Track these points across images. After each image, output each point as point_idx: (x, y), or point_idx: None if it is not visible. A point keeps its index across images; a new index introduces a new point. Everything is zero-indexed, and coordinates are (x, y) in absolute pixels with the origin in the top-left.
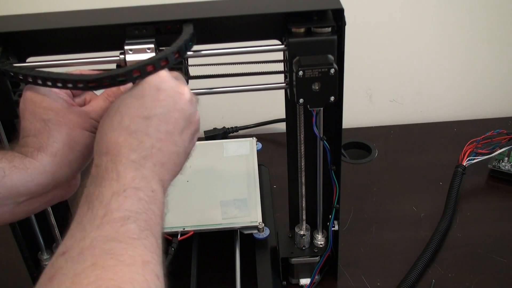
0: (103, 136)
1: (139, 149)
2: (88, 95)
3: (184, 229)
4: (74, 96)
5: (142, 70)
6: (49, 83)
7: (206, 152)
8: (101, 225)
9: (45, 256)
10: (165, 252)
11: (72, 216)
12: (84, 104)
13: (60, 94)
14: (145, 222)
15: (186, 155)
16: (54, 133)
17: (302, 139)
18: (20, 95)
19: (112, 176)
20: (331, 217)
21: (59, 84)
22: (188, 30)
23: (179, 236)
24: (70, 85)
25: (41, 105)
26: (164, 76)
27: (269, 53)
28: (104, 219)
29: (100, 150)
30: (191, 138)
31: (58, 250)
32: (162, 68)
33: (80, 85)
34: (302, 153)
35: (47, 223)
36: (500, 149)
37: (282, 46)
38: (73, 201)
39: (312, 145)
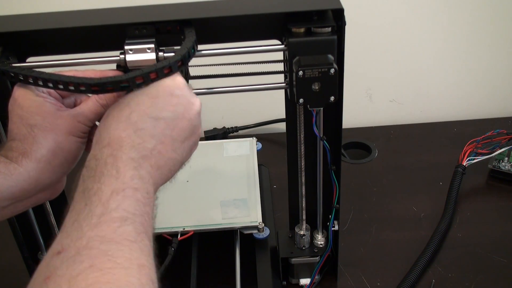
0: (107, 127)
1: (140, 148)
2: (78, 96)
3: (184, 229)
4: (63, 97)
5: (146, 77)
6: (50, 85)
7: (206, 152)
8: (99, 224)
9: None
10: (165, 252)
11: (67, 209)
12: (74, 105)
13: (48, 98)
14: (141, 225)
15: (181, 164)
16: (39, 139)
17: (302, 139)
18: None
19: (112, 172)
20: (331, 217)
21: (61, 86)
22: (190, 37)
23: (179, 236)
24: (72, 88)
25: (28, 110)
26: (180, 83)
27: (269, 53)
28: (101, 218)
29: (102, 141)
30: (190, 149)
31: (53, 248)
32: (165, 75)
33: (83, 88)
34: (302, 153)
35: (47, 223)
36: (500, 149)
37: (282, 46)
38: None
39: (312, 145)
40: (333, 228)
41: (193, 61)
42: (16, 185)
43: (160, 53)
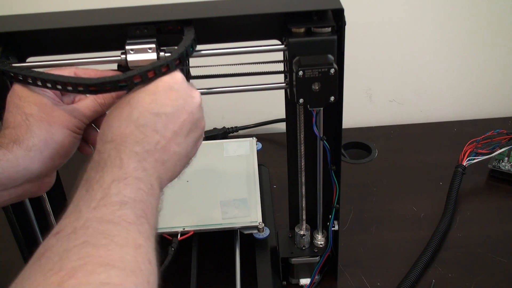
0: (110, 125)
1: (144, 143)
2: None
3: (184, 229)
4: (63, 94)
5: (144, 76)
6: (49, 85)
7: (206, 152)
8: (98, 207)
9: None
10: (165, 252)
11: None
12: (72, 102)
13: (48, 92)
14: (141, 211)
15: (188, 158)
16: (33, 128)
17: (302, 139)
18: None
19: (115, 163)
20: (331, 217)
21: (59, 86)
22: (189, 36)
23: (179, 236)
24: (70, 88)
25: (26, 99)
26: (178, 77)
27: (269, 53)
28: (101, 201)
29: (105, 138)
30: (195, 142)
31: (52, 231)
32: (163, 74)
33: (81, 89)
34: (302, 153)
35: (47, 223)
36: (500, 149)
37: (282, 46)
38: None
39: (312, 145)
40: (333, 228)
41: (194, 61)
42: (4, 171)
43: (161, 53)
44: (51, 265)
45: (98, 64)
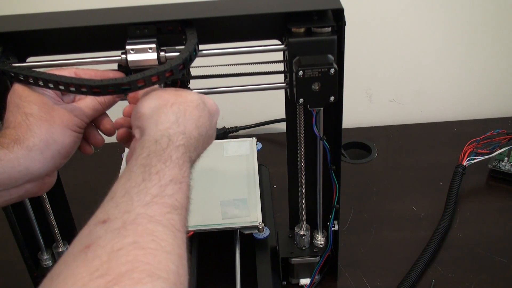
0: (183, 114)
1: (195, 153)
2: None
3: None
4: (63, 94)
5: (147, 80)
6: (51, 85)
7: (206, 152)
8: (150, 204)
9: (45, 256)
10: None
11: (117, 177)
12: (72, 101)
13: (48, 92)
14: (185, 220)
15: None
16: (33, 128)
17: (302, 139)
18: None
19: (179, 161)
20: (331, 217)
21: (62, 87)
22: (192, 40)
23: None
24: (73, 89)
25: (26, 99)
26: (218, 108)
27: (269, 53)
28: (155, 199)
29: (179, 124)
30: None
31: (98, 215)
32: (166, 79)
33: (84, 90)
34: (302, 153)
35: (47, 223)
36: (500, 149)
37: (282, 46)
38: (74, 200)
39: (312, 145)
40: (333, 228)
41: (194, 61)
42: (5, 172)
43: (162, 53)
44: (98, 264)
45: (98, 64)
